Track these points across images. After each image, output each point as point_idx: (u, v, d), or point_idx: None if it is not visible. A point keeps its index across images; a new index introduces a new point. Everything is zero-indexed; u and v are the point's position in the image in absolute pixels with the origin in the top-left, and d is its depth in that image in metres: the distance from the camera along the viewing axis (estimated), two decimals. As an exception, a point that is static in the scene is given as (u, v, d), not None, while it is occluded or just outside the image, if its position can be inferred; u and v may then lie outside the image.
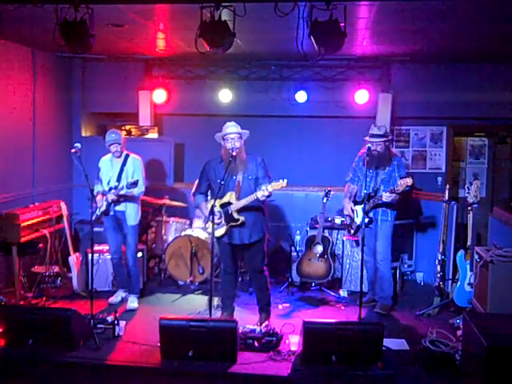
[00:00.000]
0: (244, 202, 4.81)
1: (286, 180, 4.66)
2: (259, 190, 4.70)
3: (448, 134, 7.43)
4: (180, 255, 6.26)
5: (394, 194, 5.25)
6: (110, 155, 5.69)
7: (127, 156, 5.68)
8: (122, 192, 5.45)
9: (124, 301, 5.78)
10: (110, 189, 5.52)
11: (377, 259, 5.57)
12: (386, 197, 5.28)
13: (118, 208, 5.59)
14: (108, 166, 5.67)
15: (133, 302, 5.68)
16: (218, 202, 4.86)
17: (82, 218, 7.21)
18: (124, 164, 5.63)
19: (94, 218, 5.44)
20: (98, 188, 5.61)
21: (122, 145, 5.60)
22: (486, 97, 6.89)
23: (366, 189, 5.29)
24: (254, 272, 5.22)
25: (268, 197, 4.71)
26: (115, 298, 5.81)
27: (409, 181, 5.09)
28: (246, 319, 5.17)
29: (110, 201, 5.48)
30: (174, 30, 5.62)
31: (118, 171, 5.61)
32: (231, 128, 4.94)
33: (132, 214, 5.65)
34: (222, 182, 4.67)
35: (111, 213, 5.59)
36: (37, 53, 6.66)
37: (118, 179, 5.58)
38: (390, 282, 5.65)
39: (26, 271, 5.93)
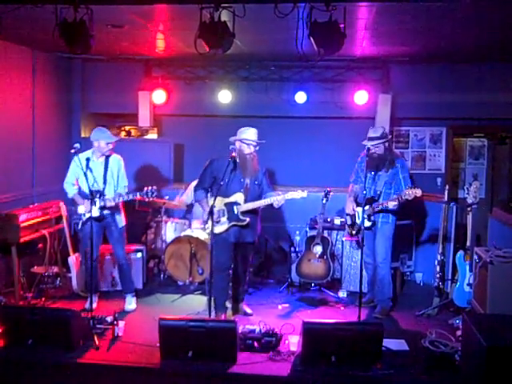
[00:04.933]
0: (255, 204, 4.96)
1: (306, 191, 4.82)
2: (275, 195, 4.86)
3: (447, 134, 7.44)
4: (179, 256, 6.26)
5: (399, 203, 5.23)
6: (87, 154, 5.42)
7: (108, 155, 5.52)
8: (119, 200, 5.38)
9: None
10: (97, 191, 5.32)
11: (377, 261, 5.56)
12: (393, 205, 5.27)
13: (106, 212, 5.44)
14: (91, 167, 5.35)
15: (130, 304, 5.66)
16: (222, 201, 4.95)
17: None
18: (107, 163, 5.47)
19: (80, 224, 5.42)
20: (73, 190, 5.47)
21: None
22: (485, 97, 6.89)
23: (365, 190, 5.29)
24: (243, 270, 5.35)
25: None
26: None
27: (418, 192, 5.05)
28: (246, 319, 5.18)
29: (107, 206, 5.35)
30: (173, 30, 5.62)
31: (102, 172, 5.44)
32: (254, 136, 5.05)
33: (120, 216, 5.61)
34: (222, 183, 4.74)
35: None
36: (37, 53, 6.67)
37: (104, 181, 5.45)
38: (390, 284, 5.64)
39: (25, 271, 5.92)
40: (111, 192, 5.49)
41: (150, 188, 5.28)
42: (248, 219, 4.98)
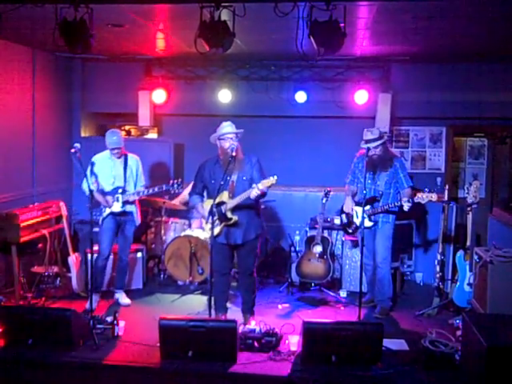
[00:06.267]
0: (237, 200, 4.80)
1: (275, 176, 4.60)
2: (251, 188, 4.70)
3: (447, 134, 7.43)
4: (179, 255, 6.26)
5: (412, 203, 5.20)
6: (107, 153, 5.67)
7: (125, 154, 5.72)
8: (143, 194, 5.58)
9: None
10: (117, 188, 5.54)
11: (376, 261, 5.56)
12: (408, 205, 5.20)
13: (128, 208, 5.63)
14: (109, 166, 5.65)
15: (125, 299, 5.79)
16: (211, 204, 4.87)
17: (81, 218, 7.20)
18: (126, 163, 5.67)
19: (101, 219, 5.55)
20: (93, 188, 5.47)
21: (122, 146, 5.65)
22: (485, 97, 6.89)
23: (365, 190, 5.28)
24: (243, 273, 5.17)
25: (262, 196, 4.71)
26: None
27: (434, 197, 5.06)
28: (246, 319, 5.18)
29: (130, 200, 5.55)
30: (173, 30, 5.62)
31: (122, 171, 5.64)
32: (228, 128, 4.93)
33: (138, 214, 5.78)
34: (222, 183, 4.66)
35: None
36: (37, 53, 6.66)
37: (125, 179, 5.63)
38: (390, 284, 5.64)
39: (25, 271, 5.92)
40: (132, 190, 5.67)
41: (176, 180, 5.52)
42: (236, 217, 4.84)
